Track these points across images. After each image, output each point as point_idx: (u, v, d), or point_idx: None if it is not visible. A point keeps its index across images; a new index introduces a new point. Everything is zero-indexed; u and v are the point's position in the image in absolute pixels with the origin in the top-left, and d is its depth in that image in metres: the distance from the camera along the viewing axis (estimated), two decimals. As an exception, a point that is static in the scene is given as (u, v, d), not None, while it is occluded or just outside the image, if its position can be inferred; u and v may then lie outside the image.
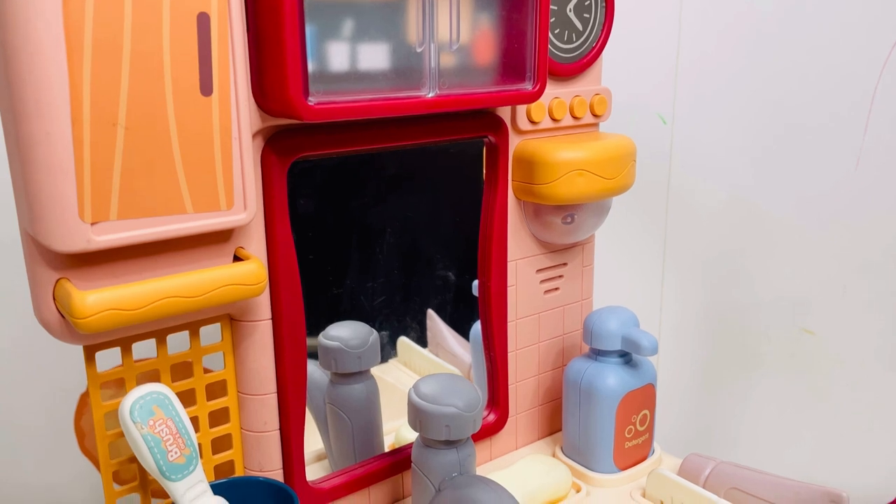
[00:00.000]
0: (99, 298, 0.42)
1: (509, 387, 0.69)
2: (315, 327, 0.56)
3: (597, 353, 0.66)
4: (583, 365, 0.66)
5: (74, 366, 0.90)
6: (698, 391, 1.01)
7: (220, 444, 0.55)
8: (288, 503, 0.49)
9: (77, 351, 0.89)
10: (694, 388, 1.01)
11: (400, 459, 0.62)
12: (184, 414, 0.47)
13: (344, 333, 0.63)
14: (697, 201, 0.96)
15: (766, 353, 0.99)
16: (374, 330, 0.64)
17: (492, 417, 0.68)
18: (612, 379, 0.64)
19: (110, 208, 0.42)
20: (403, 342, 0.69)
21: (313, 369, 0.61)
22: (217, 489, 0.49)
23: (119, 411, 0.46)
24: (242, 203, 0.47)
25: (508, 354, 0.68)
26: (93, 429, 1.00)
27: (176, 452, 0.46)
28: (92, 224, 0.41)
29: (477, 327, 0.69)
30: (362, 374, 0.65)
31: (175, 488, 0.46)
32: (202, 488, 0.47)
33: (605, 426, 0.65)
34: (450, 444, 0.54)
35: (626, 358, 0.66)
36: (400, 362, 0.68)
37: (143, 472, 0.51)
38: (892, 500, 1.00)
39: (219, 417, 0.54)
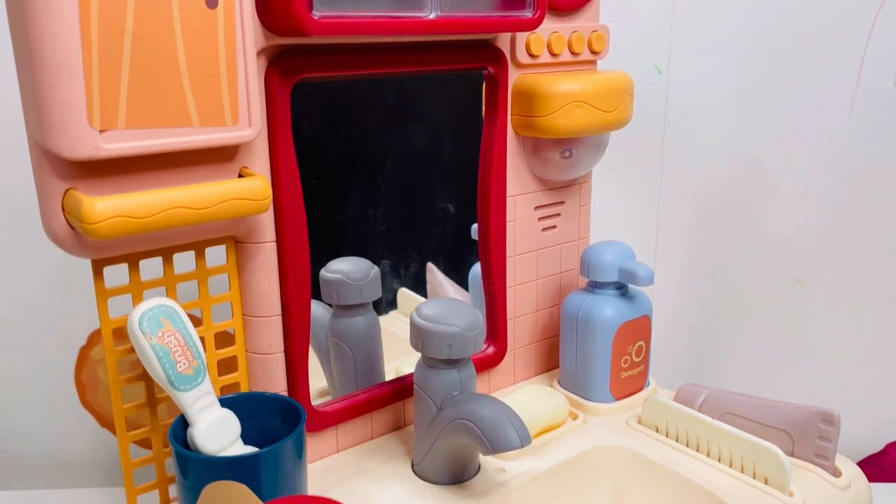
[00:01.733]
0: (108, 205, 0.42)
1: (508, 322, 0.70)
2: (317, 255, 0.57)
3: (593, 286, 0.67)
4: (580, 297, 0.67)
5: (74, 320, 0.91)
6: (691, 333, 1.03)
7: (226, 366, 0.56)
8: (295, 418, 0.50)
9: (77, 306, 0.90)
10: (687, 330, 1.02)
11: (401, 387, 0.63)
12: (191, 327, 0.48)
13: (346, 267, 0.64)
14: (692, 151, 0.97)
15: (757, 300, 1.00)
16: (374, 265, 0.65)
17: (491, 350, 0.69)
18: (609, 310, 0.66)
19: (118, 117, 0.43)
20: (404, 293, 0.70)
21: (315, 307, 0.61)
22: (224, 404, 0.50)
23: (128, 323, 0.47)
24: (247, 119, 0.47)
25: (507, 290, 0.69)
26: (92, 382, 1.01)
27: (184, 364, 0.47)
28: (101, 132, 0.42)
29: (476, 269, 0.70)
30: (363, 307, 0.66)
31: (184, 399, 0.47)
32: (210, 400, 0.48)
33: (602, 356, 0.66)
34: (451, 363, 0.55)
35: (622, 290, 0.67)
36: (401, 314, 0.69)
37: (150, 392, 0.52)
38: (879, 450, 1.02)
39: (225, 341, 0.55)
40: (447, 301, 0.56)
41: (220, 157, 0.49)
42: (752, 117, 0.95)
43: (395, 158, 0.62)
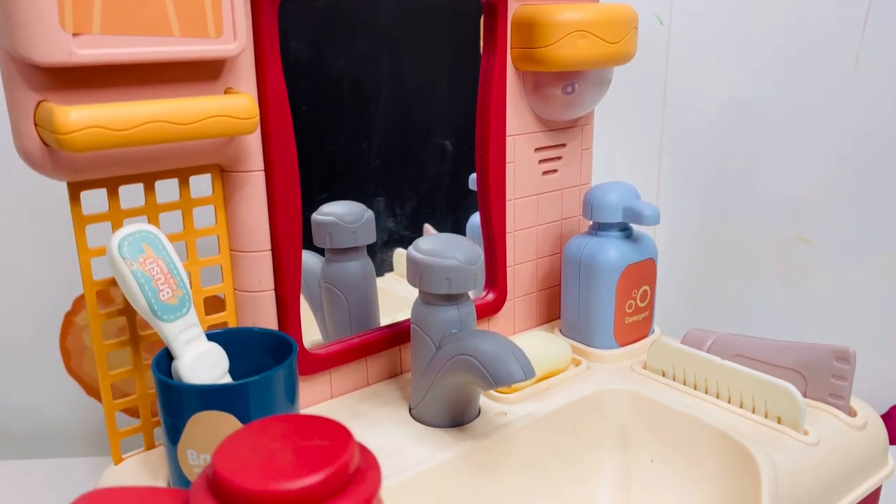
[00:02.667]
0: (83, 114, 0.39)
1: (507, 269, 0.68)
2: (307, 190, 0.54)
3: (597, 229, 0.65)
4: (583, 240, 0.65)
5: (57, 285, 0.88)
6: (690, 290, 1.00)
7: (213, 305, 0.54)
8: (286, 353, 0.47)
9: (60, 270, 0.87)
10: (686, 287, 1.00)
11: (397, 332, 0.61)
12: (175, 256, 0.46)
13: (339, 209, 0.62)
14: (694, 103, 0.94)
15: (758, 257, 0.98)
16: (368, 208, 0.62)
17: (490, 297, 0.66)
18: (613, 252, 0.63)
19: (93, 20, 0.40)
20: (399, 254, 0.67)
21: (307, 256, 0.59)
22: (211, 339, 0.47)
23: (107, 248, 0.44)
24: (232, 32, 0.44)
25: (507, 235, 0.67)
26: (78, 349, 0.98)
27: (168, 293, 0.44)
28: (74, 35, 0.39)
29: (474, 219, 0.67)
30: (357, 252, 0.63)
31: (168, 330, 0.44)
32: (196, 332, 0.46)
33: (606, 300, 0.63)
34: (450, 299, 0.52)
35: (626, 232, 0.65)
36: (397, 275, 0.67)
37: (132, 324, 0.49)
38: (883, 412, 1.00)
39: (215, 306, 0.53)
40: (446, 236, 0.54)
41: (203, 74, 0.46)
42: (755, 69, 0.92)
43: (389, 90, 0.59)
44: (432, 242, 0.52)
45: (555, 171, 0.69)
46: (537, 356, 0.60)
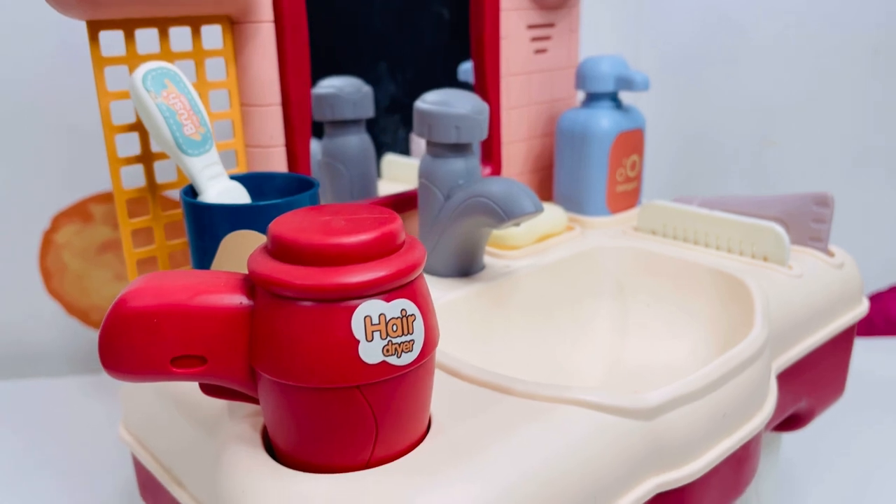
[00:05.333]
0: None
1: (502, 146, 0.70)
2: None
3: (589, 101, 0.67)
4: (575, 112, 0.67)
5: (36, 203, 0.87)
6: (665, 186, 1.04)
7: (224, 160, 0.55)
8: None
9: (39, 187, 0.86)
10: (658, 186, 1.03)
11: (400, 200, 0.63)
12: (196, 94, 0.46)
13: (338, 82, 0.63)
14: (670, 6, 0.97)
15: (727, 159, 1.01)
16: (366, 83, 0.64)
17: (487, 171, 0.68)
18: (605, 120, 0.66)
19: None
20: (388, 160, 0.69)
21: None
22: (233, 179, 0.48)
23: (130, 83, 0.44)
24: None
25: (501, 112, 0.69)
26: (59, 268, 0.98)
27: (191, 128, 0.46)
28: None
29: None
30: (357, 126, 0.65)
31: (192, 164, 0.46)
32: (219, 170, 0.47)
33: (598, 168, 0.66)
34: (457, 150, 0.54)
35: (616, 103, 0.67)
36: (388, 180, 0.68)
37: (150, 177, 0.50)
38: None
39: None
40: (452, 89, 0.56)
41: (217, -87, 0.46)
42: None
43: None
44: (440, 94, 0.54)
45: (545, 50, 0.71)
46: (534, 219, 0.63)
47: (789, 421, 0.59)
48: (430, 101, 0.54)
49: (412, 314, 0.32)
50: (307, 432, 0.32)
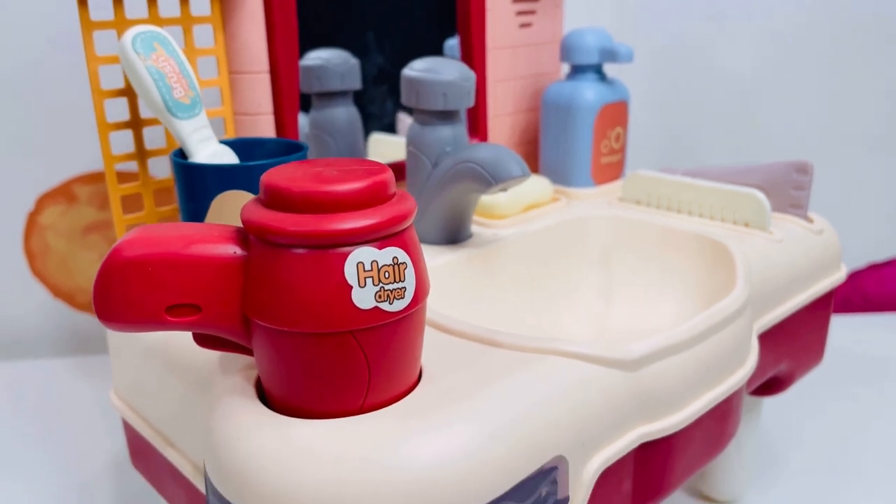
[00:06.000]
0: None
1: (488, 119, 0.70)
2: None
3: (573, 74, 0.68)
4: (560, 85, 0.68)
5: (20, 184, 0.87)
6: (647, 158, 1.05)
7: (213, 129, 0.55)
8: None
9: (23, 168, 0.86)
10: (644, 154, 1.04)
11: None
12: (185, 59, 0.47)
13: (325, 54, 0.64)
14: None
15: (710, 140, 1.03)
16: (353, 56, 0.65)
17: (475, 141, 0.69)
18: (590, 92, 0.67)
19: None
20: (375, 138, 0.69)
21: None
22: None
23: (119, 46, 0.45)
24: None
25: (487, 86, 0.69)
26: (44, 250, 0.97)
27: (180, 91, 0.46)
28: None
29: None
30: (344, 98, 0.65)
31: (181, 127, 0.46)
32: (208, 133, 0.47)
33: (583, 139, 0.67)
34: (445, 118, 0.55)
35: (601, 75, 0.68)
36: (375, 157, 0.69)
37: (138, 138, 0.51)
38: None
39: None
40: (440, 57, 0.56)
41: None
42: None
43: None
44: (427, 62, 0.55)
45: (530, 24, 0.72)
46: (519, 188, 0.64)
47: (770, 384, 0.60)
48: (417, 68, 0.54)
49: (403, 262, 0.33)
50: (301, 379, 0.33)
